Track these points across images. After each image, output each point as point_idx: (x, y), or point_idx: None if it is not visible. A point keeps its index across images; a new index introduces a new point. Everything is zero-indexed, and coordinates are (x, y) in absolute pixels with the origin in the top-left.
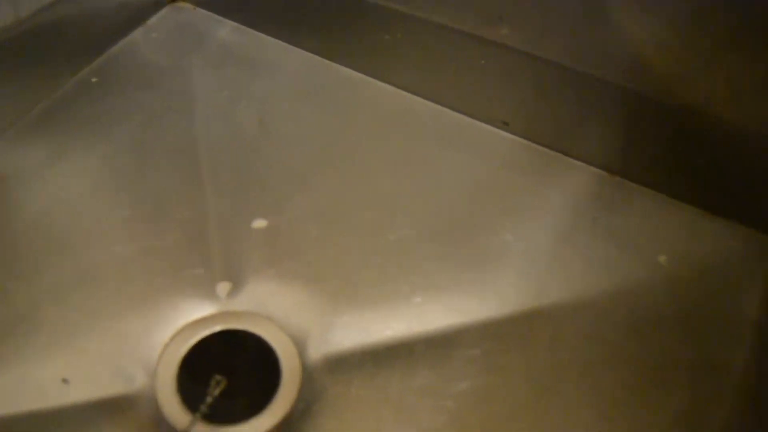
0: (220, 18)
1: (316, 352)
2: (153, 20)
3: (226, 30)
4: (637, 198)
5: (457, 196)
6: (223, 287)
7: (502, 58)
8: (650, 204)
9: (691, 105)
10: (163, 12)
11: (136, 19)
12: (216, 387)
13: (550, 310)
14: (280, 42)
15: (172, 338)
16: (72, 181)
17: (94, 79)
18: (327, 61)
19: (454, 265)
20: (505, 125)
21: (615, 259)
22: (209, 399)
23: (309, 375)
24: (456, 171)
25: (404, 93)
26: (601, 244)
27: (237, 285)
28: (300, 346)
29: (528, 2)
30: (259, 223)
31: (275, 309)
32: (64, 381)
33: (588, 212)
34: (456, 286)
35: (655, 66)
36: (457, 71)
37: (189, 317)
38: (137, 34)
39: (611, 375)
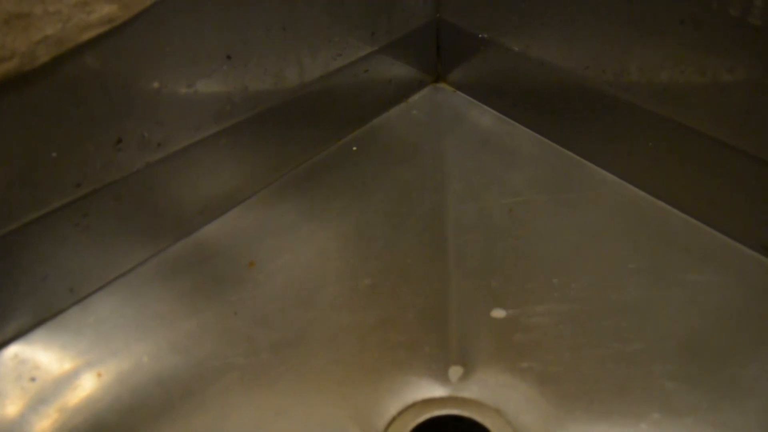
0: (478, 103)
1: None
2: (415, 98)
3: (483, 115)
4: None
5: (707, 316)
6: (454, 371)
7: None
8: None
9: None
10: (425, 91)
11: (400, 95)
12: None
13: None
14: (535, 134)
15: (400, 413)
16: (324, 241)
17: (354, 148)
18: (582, 160)
19: (697, 389)
20: (765, 250)
21: None
22: None
23: None
24: (707, 291)
25: (660, 202)
26: None
27: (469, 371)
28: None
29: None
30: (498, 313)
31: (504, 402)
32: None
33: None
34: (696, 411)
35: None
36: (720, 187)
37: (418, 395)
38: (398, 110)
39: None
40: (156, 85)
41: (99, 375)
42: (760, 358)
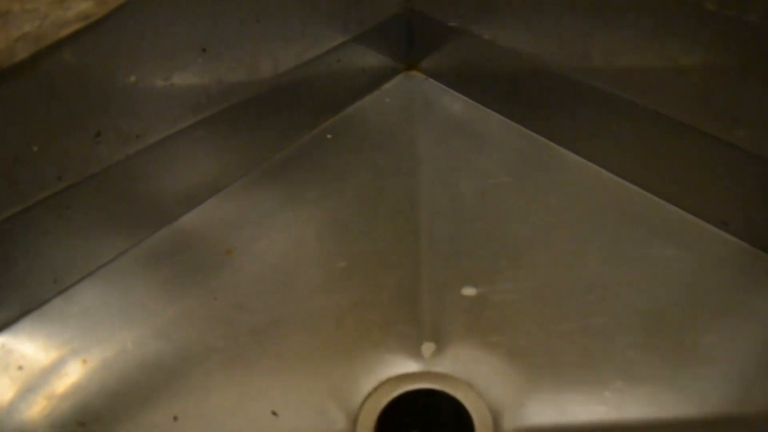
0: (449, 90)
1: (510, 423)
2: (387, 86)
3: (454, 102)
4: None
5: (667, 290)
6: (427, 347)
7: (732, 158)
8: None
9: None
10: (397, 79)
11: (373, 83)
12: None
13: (754, 419)
14: (504, 119)
15: (375, 389)
16: (301, 227)
17: (329, 136)
18: (550, 143)
19: (658, 358)
20: (723, 225)
21: None
22: None
23: None
24: (668, 265)
25: (622, 181)
26: None
27: (441, 347)
28: (495, 414)
29: None
30: (469, 291)
31: (475, 375)
32: (274, 414)
33: None
34: (657, 379)
35: None
36: (680, 166)
37: (393, 372)
38: (372, 98)
39: None
40: (133, 79)
41: (84, 362)
42: (717, 328)
